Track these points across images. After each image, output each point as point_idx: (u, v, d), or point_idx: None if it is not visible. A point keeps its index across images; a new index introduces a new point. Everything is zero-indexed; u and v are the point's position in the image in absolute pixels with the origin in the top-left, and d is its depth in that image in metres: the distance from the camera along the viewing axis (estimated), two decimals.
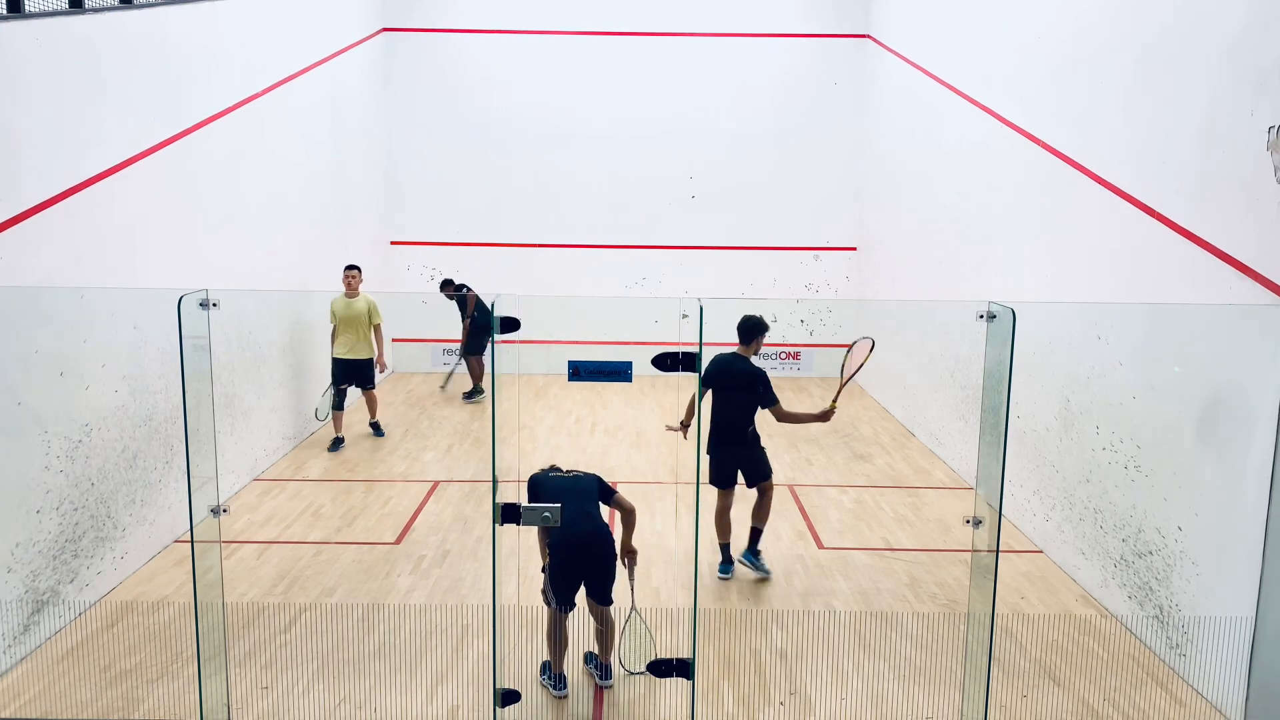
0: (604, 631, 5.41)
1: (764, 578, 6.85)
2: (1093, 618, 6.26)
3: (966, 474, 9.07)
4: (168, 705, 5.10)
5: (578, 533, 5.18)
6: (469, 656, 5.64)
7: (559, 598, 5.24)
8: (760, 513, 6.90)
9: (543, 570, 5.40)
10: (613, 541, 5.33)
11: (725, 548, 6.92)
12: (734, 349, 6.78)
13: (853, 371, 6.50)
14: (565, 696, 5.26)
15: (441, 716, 5.06)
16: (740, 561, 6.92)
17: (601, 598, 5.31)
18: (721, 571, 6.92)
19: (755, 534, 6.91)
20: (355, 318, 10.00)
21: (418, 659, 5.61)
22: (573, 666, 5.47)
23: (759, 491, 6.91)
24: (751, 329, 6.75)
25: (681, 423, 7.13)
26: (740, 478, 6.88)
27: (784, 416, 6.67)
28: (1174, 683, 5.49)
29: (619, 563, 5.36)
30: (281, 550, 7.24)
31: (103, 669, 5.44)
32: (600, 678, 5.40)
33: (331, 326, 10.14)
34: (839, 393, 6.48)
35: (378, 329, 10.17)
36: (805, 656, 5.72)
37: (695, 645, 4.92)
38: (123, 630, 5.91)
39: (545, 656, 5.44)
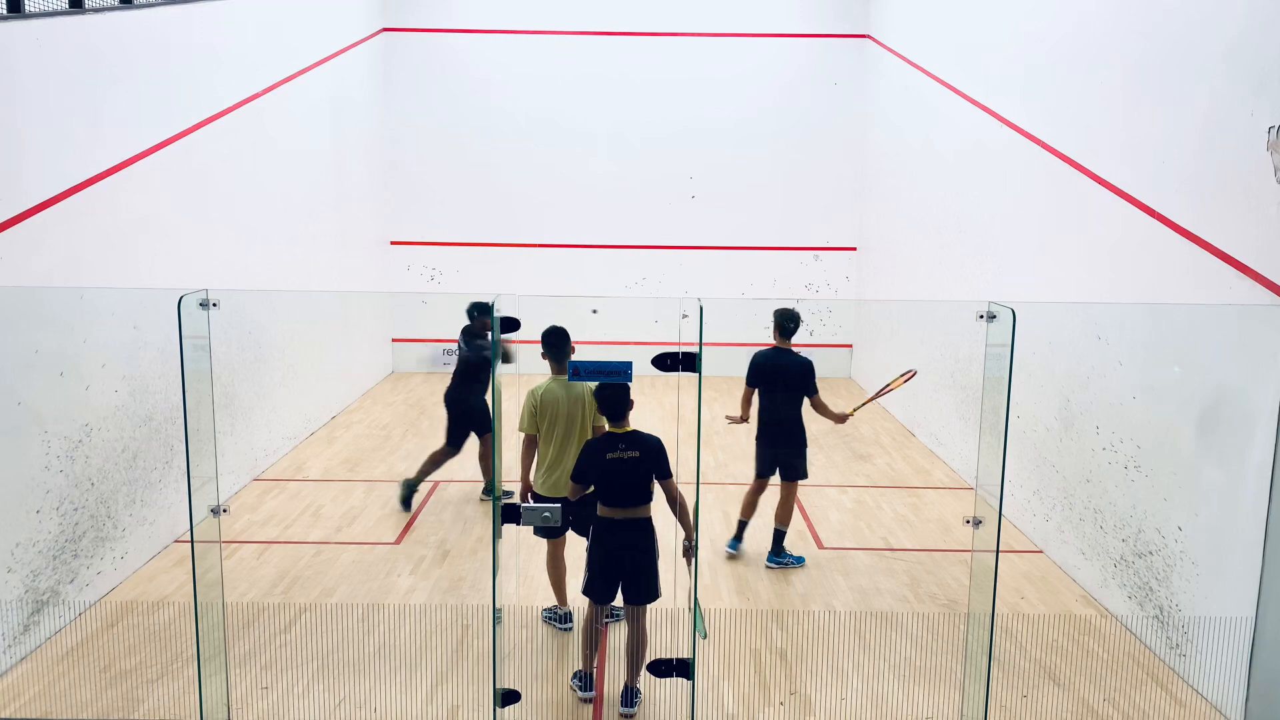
0: (634, 642, 5.11)
1: (798, 566, 7.06)
2: (1093, 618, 6.26)
3: (966, 474, 9.06)
4: (168, 705, 5.10)
5: (617, 520, 5.00)
6: (469, 656, 5.63)
7: (595, 592, 5.06)
8: (782, 513, 7.07)
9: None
10: (652, 533, 5.08)
11: (743, 525, 7.22)
12: (774, 345, 6.99)
13: (881, 392, 6.97)
14: (591, 700, 5.16)
15: (441, 716, 5.06)
16: (767, 566, 7.04)
17: (634, 596, 5.06)
18: (730, 546, 7.22)
19: (778, 535, 7.08)
20: (577, 413, 5.79)
21: (418, 659, 5.61)
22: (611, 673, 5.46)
23: (782, 491, 7.07)
24: (795, 320, 6.98)
25: (742, 417, 7.17)
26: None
27: (818, 407, 6.96)
28: (1174, 683, 5.49)
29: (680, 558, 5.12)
30: (281, 550, 7.23)
31: (103, 669, 5.44)
32: (623, 704, 5.07)
33: (525, 436, 5.80)
34: (863, 405, 6.98)
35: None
36: (805, 656, 5.72)
37: (695, 645, 4.92)
38: (123, 630, 5.90)
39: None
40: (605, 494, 5.02)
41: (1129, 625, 6.07)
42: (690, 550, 5.06)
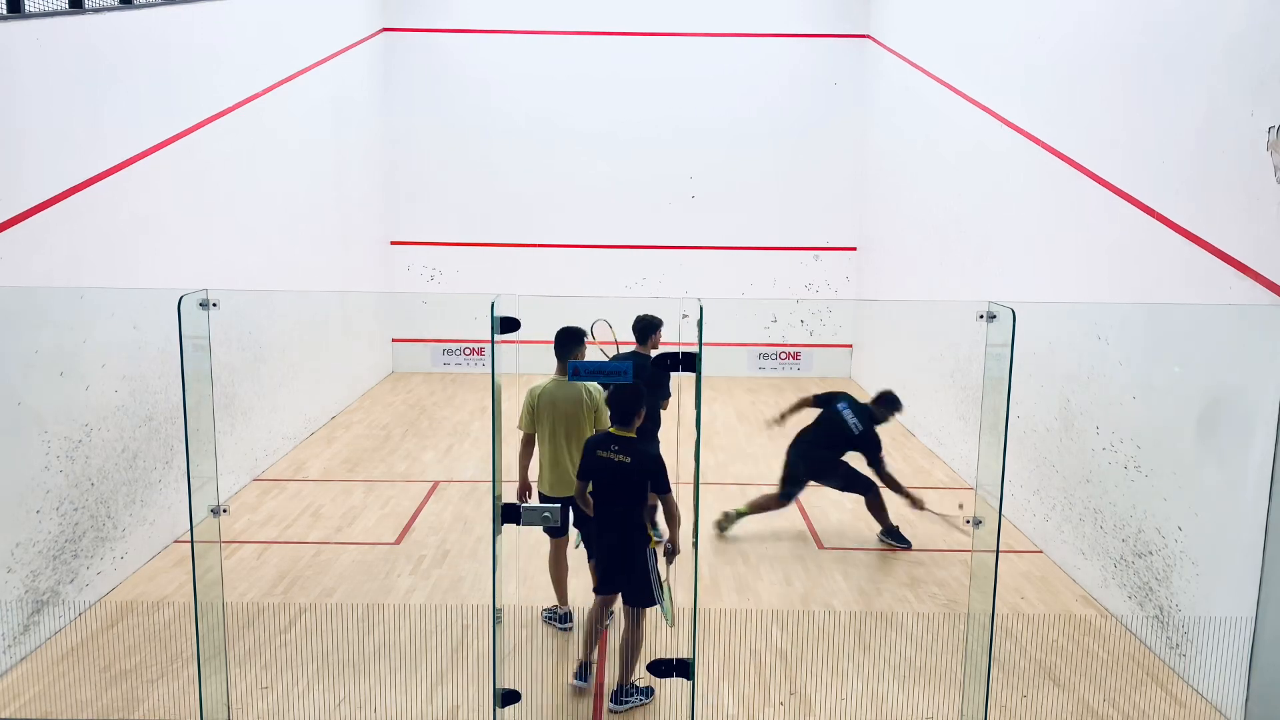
0: (627, 641, 5.10)
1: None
2: (1093, 618, 6.26)
3: (966, 474, 9.06)
4: (168, 705, 5.10)
5: (604, 518, 5.07)
6: (469, 656, 5.63)
7: (599, 583, 5.23)
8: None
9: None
10: (639, 536, 5.04)
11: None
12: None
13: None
14: (584, 691, 5.20)
15: (441, 716, 5.06)
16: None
17: (627, 597, 5.09)
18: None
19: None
20: (577, 413, 5.86)
21: (418, 659, 5.61)
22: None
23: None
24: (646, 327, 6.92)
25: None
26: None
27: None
28: (1174, 683, 5.49)
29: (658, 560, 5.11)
30: (281, 550, 7.23)
31: (103, 669, 5.44)
32: (613, 701, 5.09)
33: (523, 434, 6.02)
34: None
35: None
36: (805, 656, 5.72)
37: (695, 645, 4.92)
38: (123, 630, 5.90)
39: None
40: (596, 491, 5.12)
41: (1129, 625, 6.07)
42: (670, 552, 5.17)
